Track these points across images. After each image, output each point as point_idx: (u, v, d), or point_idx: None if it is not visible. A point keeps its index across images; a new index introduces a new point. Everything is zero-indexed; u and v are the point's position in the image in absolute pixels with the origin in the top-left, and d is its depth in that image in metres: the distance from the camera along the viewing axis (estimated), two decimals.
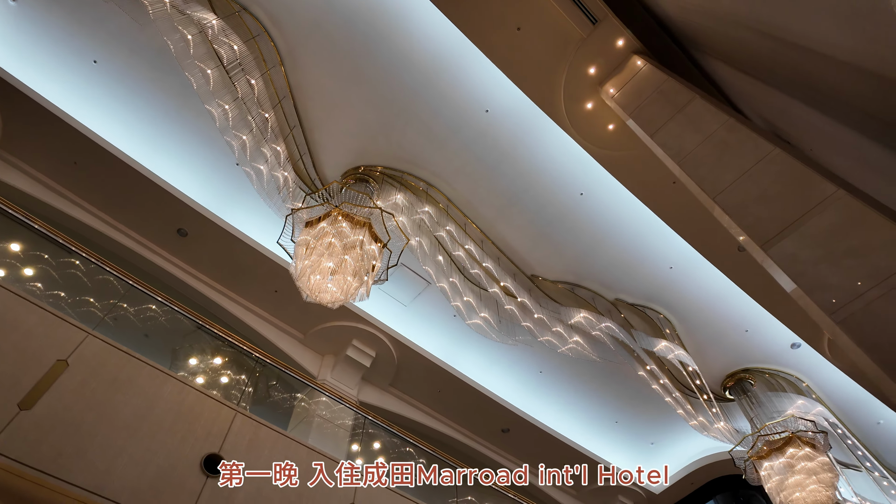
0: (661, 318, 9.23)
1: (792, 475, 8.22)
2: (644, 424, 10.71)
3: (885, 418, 10.34)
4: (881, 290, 2.41)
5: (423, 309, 9.24)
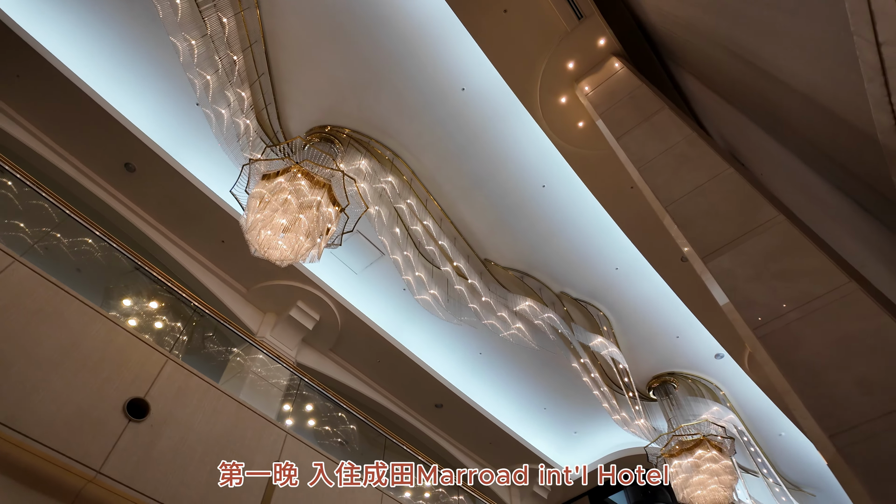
0: (600, 315, 9.59)
1: (697, 474, 8.83)
2: (570, 414, 11.18)
3: (787, 431, 11.22)
4: (801, 313, 2.59)
5: (374, 279, 9.21)
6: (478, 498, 9.45)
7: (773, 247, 2.95)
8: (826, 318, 2.50)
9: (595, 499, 11.65)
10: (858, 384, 2.23)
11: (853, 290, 2.49)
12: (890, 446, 2.01)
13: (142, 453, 4.49)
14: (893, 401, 2.10)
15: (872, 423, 2.10)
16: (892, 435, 2.03)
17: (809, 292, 2.64)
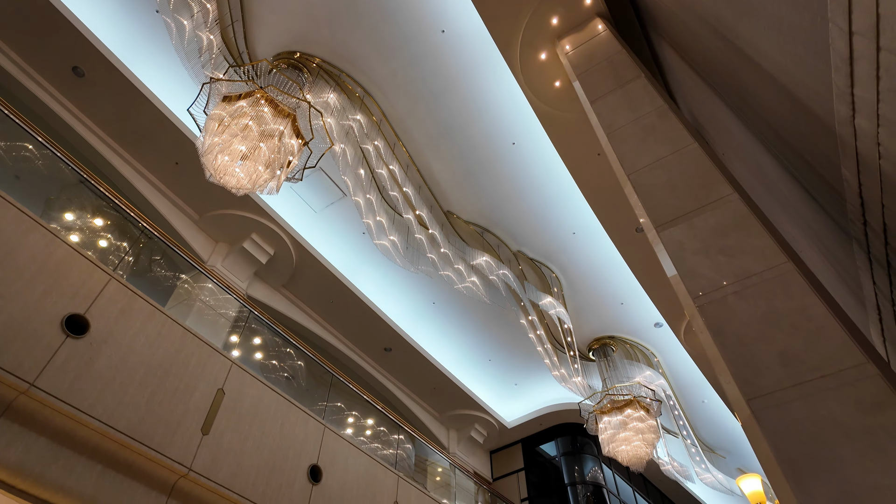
0: (553, 276, 9.86)
1: (623, 431, 9.45)
2: (513, 367, 11.63)
3: (709, 399, 12.10)
4: (738, 287, 2.74)
5: (333, 219, 9.07)
6: (418, 438, 9.84)
7: (722, 223, 3.07)
8: (759, 294, 2.66)
9: (527, 447, 12.34)
10: (779, 356, 2.41)
11: (788, 270, 2.65)
12: (796, 412, 2.20)
13: (79, 370, 4.40)
14: (806, 373, 2.29)
15: (785, 391, 2.28)
16: (801, 403, 2.21)
17: (748, 269, 2.78)
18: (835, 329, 2.33)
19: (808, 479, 2.03)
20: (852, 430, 2.06)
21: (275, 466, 5.88)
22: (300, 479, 6.13)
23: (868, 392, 2.10)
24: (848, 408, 2.12)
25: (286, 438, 6.22)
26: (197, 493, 5.07)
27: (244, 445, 5.64)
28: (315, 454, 6.53)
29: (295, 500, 5.91)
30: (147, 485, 4.72)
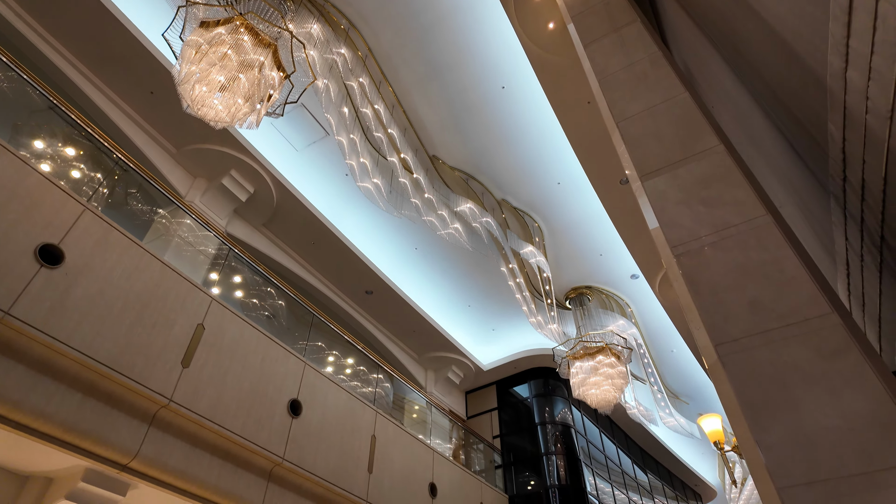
0: (535, 226, 9.92)
1: (594, 376, 9.84)
2: (491, 313, 11.88)
3: (678, 348, 12.60)
4: (715, 238, 2.79)
5: (315, 159, 8.88)
6: (396, 377, 10.11)
7: (706, 174, 3.09)
8: (735, 245, 2.71)
9: (501, 389, 12.81)
10: (749, 304, 2.49)
11: (766, 223, 2.69)
12: (760, 357, 2.30)
13: (55, 300, 4.36)
14: (773, 321, 2.37)
15: (751, 338, 2.38)
16: (765, 349, 2.31)
17: (727, 221, 2.83)
18: (805, 281, 2.40)
19: (765, 419, 2.16)
20: (811, 375, 2.17)
21: (255, 400, 6.02)
22: (280, 412, 6.30)
23: (829, 340, 2.19)
24: (809, 354, 2.22)
25: (266, 374, 6.34)
26: (178, 422, 5.18)
27: (224, 379, 5.74)
28: (295, 389, 6.69)
29: (275, 433, 6.09)
30: (128, 413, 4.80)
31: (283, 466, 6.07)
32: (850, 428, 1.99)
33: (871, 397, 2.00)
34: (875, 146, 2.26)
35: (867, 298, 3.06)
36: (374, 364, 10.13)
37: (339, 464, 6.87)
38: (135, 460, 4.74)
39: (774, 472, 2.02)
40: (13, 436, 4.18)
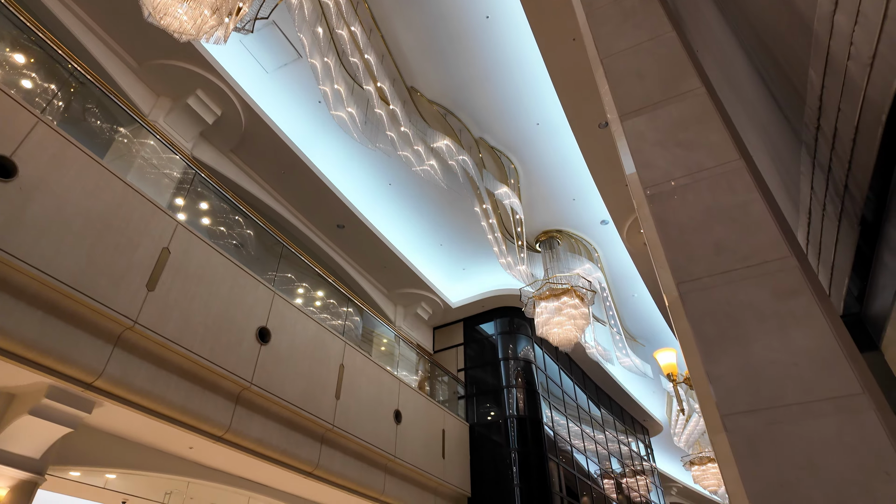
0: (511, 167, 9.85)
1: (557, 316, 10.17)
2: (462, 253, 11.99)
3: (639, 293, 13.07)
4: (689, 180, 2.82)
5: (287, 82, 8.47)
6: (365, 311, 10.24)
7: (685, 116, 3.07)
8: (707, 188, 2.75)
9: (468, 325, 13.16)
10: (714, 246, 2.56)
11: (738, 167, 2.73)
12: (718, 296, 2.40)
13: (10, 215, 4.17)
14: (735, 262, 2.46)
15: (713, 277, 2.46)
16: (724, 288, 2.41)
17: (701, 163, 2.85)
18: (769, 225, 2.47)
19: (716, 353, 2.27)
20: (763, 313, 2.28)
21: (223, 326, 6.02)
22: (249, 339, 6.35)
23: (785, 282, 2.29)
24: (765, 294, 2.32)
25: (235, 301, 6.32)
26: (144, 345, 5.17)
27: (191, 304, 5.70)
28: (264, 317, 6.71)
29: (243, 358, 6.16)
30: (92, 334, 4.76)
31: (251, 390, 6.19)
32: (794, 363, 2.12)
33: (817, 336, 2.12)
34: (852, 94, 2.28)
35: (823, 247, 3.19)
36: (344, 297, 10.19)
37: (307, 390, 7.04)
38: (100, 379, 4.75)
39: (720, 400, 2.16)
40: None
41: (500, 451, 10.88)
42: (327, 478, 7.20)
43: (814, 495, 1.85)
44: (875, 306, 2.81)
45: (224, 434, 5.89)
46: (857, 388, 1.97)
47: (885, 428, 1.86)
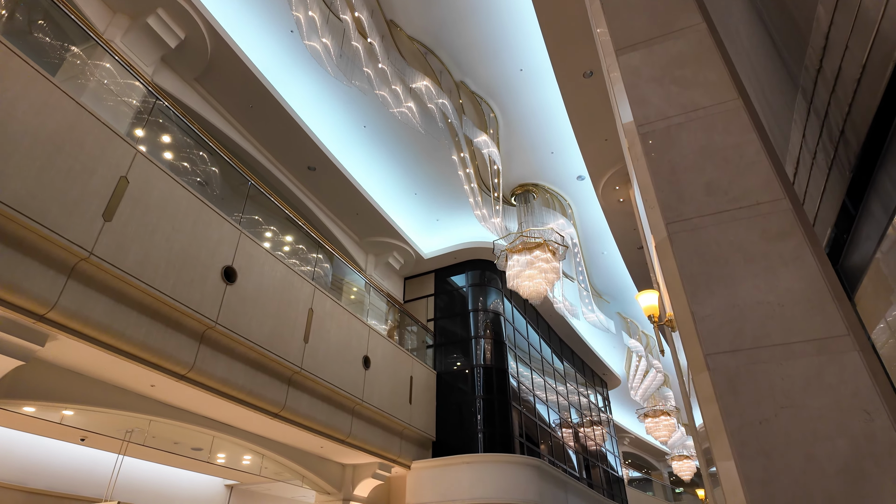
0: (491, 116, 9.59)
1: (528, 269, 10.20)
2: (436, 203, 11.81)
3: (608, 251, 13.23)
4: (683, 119, 2.71)
5: (257, 7, 7.88)
6: (335, 258, 10.05)
7: (683, 53, 2.93)
8: (701, 127, 2.65)
9: (439, 277, 13.14)
10: (705, 186, 2.48)
11: (736, 107, 2.62)
12: (707, 236, 2.33)
13: None
14: (726, 203, 2.39)
15: (703, 217, 2.39)
16: (714, 229, 2.34)
17: (697, 102, 2.74)
18: (763, 166, 2.40)
19: (703, 293, 2.23)
20: (752, 254, 2.23)
21: (186, 263, 5.77)
22: (213, 277, 6.12)
23: (776, 224, 2.24)
24: (754, 235, 2.26)
25: (199, 238, 6.05)
26: (101, 277, 4.90)
27: (152, 238, 5.41)
28: (230, 257, 6.47)
29: (208, 296, 5.95)
30: (44, 263, 4.47)
31: (216, 330, 6.02)
32: (779, 304, 2.09)
33: (805, 277, 2.09)
34: (863, 29, 2.17)
35: (808, 197, 3.17)
36: (313, 243, 9.95)
37: (275, 332, 6.91)
38: (53, 311, 4.50)
39: (704, 340, 2.12)
40: None
41: (465, 399, 11.11)
42: (294, 419, 7.19)
43: (791, 432, 1.85)
44: (854, 258, 2.82)
45: (188, 373, 5.75)
46: (841, 329, 1.95)
47: (867, 369, 1.86)
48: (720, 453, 1.95)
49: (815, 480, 1.74)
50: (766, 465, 1.81)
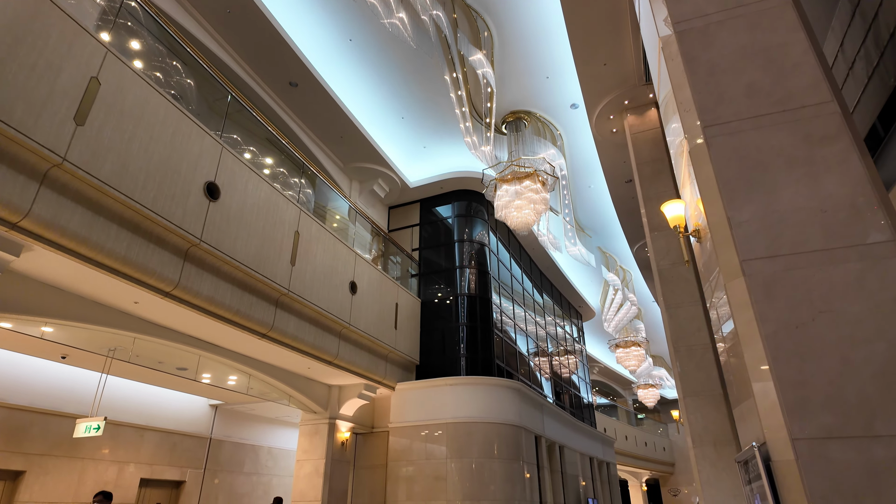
0: (486, 35, 9.07)
1: (518, 200, 10.08)
2: (424, 129, 11.39)
3: (595, 185, 13.16)
4: (723, 16, 2.52)
5: None
6: (318, 182, 9.73)
7: None
8: (744, 26, 2.46)
9: (425, 207, 12.94)
10: (746, 88, 2.32)
11: (782, 3, 2.42)
12: (747, 141, 2.20)
13: None
14: (768, 106, 2.24)
15: (742, 121, 2.25)
16: (754, 133, 2.21)
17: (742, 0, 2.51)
18: (811, 67, 2.24)
19: (740, 199, 2.12)
20: (795, 159, 2.11)
21: (167, 175, 5.46)
22: (196, 192, 5.83)
23: (822, 127, 2.11)
24: (797, 140, 2.14)
25: (178, 150, 5.69)
26: (76, 186, 4.59)
27: (129, 147, 5.06)
28: (212, 172, 6.15)
29: (190, 212, 5.69)
30: (13, 167, 4.14)
31: (201, 248, 5.81)
32: (821, 209, 2.00)
33: (850, 182, 2.00)
34: None
35: None
36: (295, 167, 9.57)
37: (261, 253, 6.73)
38: (26, 220, 4.22)
39: (740, 246, 2.04)
40: None
41: (448, 326, 11.28)
42: (281, 339, 7.17)
43: (828, 336, 1.81)
44: (884, 173, 2.74)
45: (172, 290, 5.58)
46: (886, 234, 1.88)
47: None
48: (753, 358, 1.92)
49: (850, 383, 1.72)
50: (801, 368, 1.78)
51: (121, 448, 8.88)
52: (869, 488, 1.67)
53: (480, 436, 9.39)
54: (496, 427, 9.59)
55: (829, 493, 1.69)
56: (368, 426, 10.28)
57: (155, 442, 9.48)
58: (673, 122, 2.74)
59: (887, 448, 1.66)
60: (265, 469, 11.89)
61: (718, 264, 2.27)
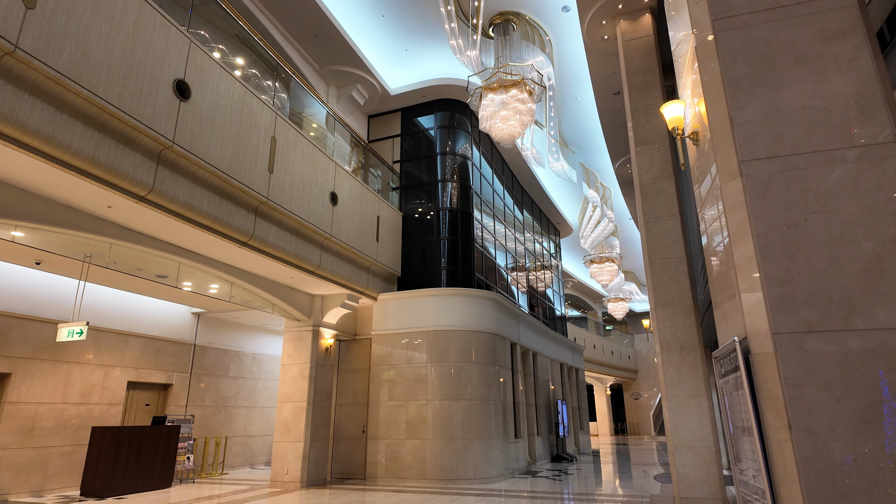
0: None
1: (503, 111, 9.77)
2: (407, 29, 10.71)
3: (582, 96, 12.80)
4: None
5: None
6: (294, 85, 9.23)
7: None
8: None
9: (406, 116, 12.49)
10: None
11: None
12: (757, 35, 2.10)
13: None
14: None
15: (754, 14, 2.13)
16: (766, 27, 2.10)
17: None
18: None
19: (744, 97, 2.06)
20: (805, 55, 2.03)
21: (132, 69, 5.07)
22: (164, 90, 5.46)
23: (837, 21, 2.01)
24: (809, 35, 2.05)
25: (142, 42, 5.25)
26: (32, 77, 4.24)
27: (88, 36, 4.64)
28: (181, 69, 5.74)
29: (160, 112, 5.37)
30: None
31: (174, 150, 5.55)
32: (826, 109, 1.96)
33: (858, 81, 1.94)
34: None
35: None
36: (268, 69, 8.99)
37: (237, 158, 6.48)
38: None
39: (741, 146, 2.01)
40: None
41: (430, 239, 11.33)
42: (263, 248, 7.11)
43: (819, 235, 1.83)
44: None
45: (147, 194, 5.39)
46: (888, 135, 1.86)
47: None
48: (742, 257, 1.95)
49: (835, 280, 1.77)
50: (789, 266, 1.82)
51: (105, 353, 9.01)
52: (841, 376, 1.78)
53: (459, 342, 9.78)
54: (474, 334, 9.97)
55: (803, 380, 1.79)
56: (351, 333, 10.58)
57: (139, 347, 9.63)
58: (680, 16, 2.58)
59: (862, 340, 1.75)
60: (250, 373, 12.31)
61: (715, 165, 2.24)
